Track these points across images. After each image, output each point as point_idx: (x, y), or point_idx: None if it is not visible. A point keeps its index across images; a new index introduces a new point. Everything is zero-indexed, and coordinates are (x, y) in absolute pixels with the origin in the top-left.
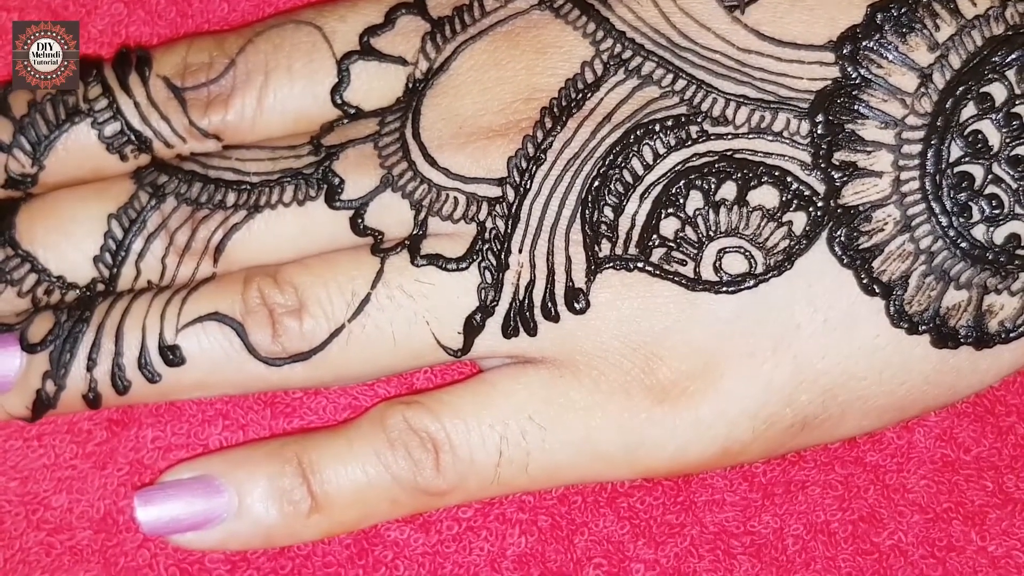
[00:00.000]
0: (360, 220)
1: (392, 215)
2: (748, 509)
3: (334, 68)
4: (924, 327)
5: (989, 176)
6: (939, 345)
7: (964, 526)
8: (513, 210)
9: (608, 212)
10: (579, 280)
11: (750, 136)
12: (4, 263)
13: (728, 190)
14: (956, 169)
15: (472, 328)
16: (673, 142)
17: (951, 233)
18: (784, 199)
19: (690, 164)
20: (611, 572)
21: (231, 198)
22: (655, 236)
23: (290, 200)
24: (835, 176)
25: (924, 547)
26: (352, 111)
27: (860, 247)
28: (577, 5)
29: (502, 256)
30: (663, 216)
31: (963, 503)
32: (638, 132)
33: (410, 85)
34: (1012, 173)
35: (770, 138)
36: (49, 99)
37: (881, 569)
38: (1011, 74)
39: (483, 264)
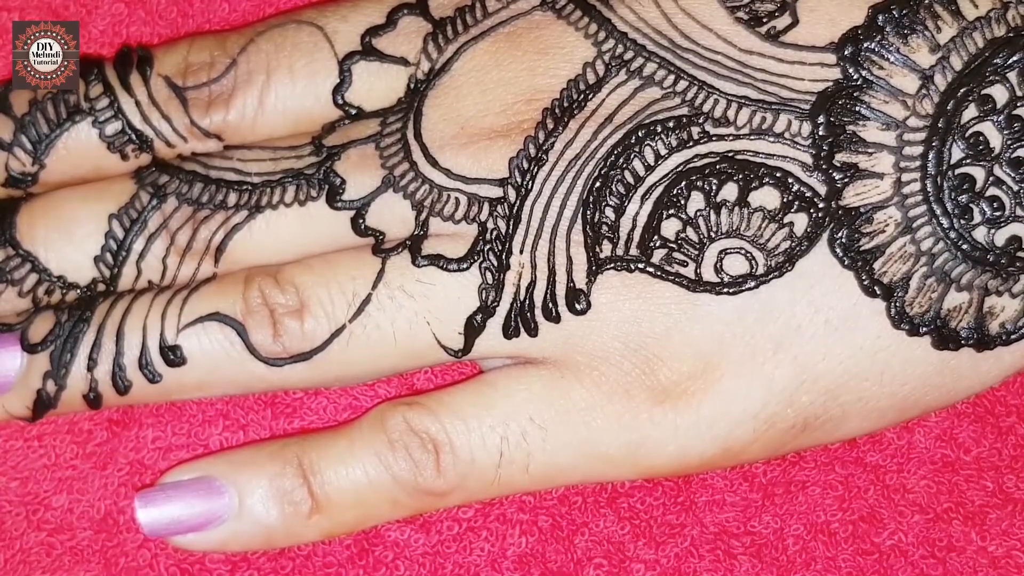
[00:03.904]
0: (361, 220)
1: (393, 215)
2: (748, 509)
3: (336, 68)
4: (925, 329)
5: (990, 178)
6: (940, 347)
7: (964, 526)
8: (514, 211)
9: (609, 213)
10: (580, 281)
11: (751, 137)
12: (5, 263)
13: (729, 191)
14: (957, 171)
15: (473, 328)
16: (675, 143)
17: (952, 235)
18: (785, 200)
19: (691, 165)
20: (611, 572)
21: (232, 198)
22: (656, 237)
23: (291, 200)
24: (836, 177)
25: (924, 547)
26: (354, 111)
27: (861, 248)
28: (579, 6)
29: (503, 257)
30: (664, 217)
31: (963, 503)
32: (640, 133)
33: (412, 86)
34: (1013, 175)
35: (771, 139)
36: (50, 98)
37: (882, 569)
38: (1012, 76)
39: (484, 265)
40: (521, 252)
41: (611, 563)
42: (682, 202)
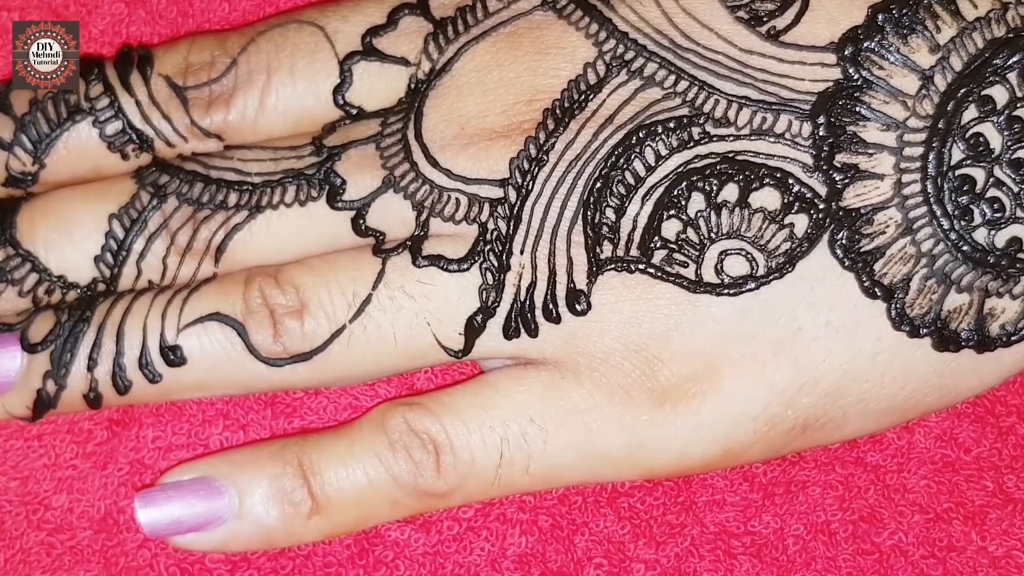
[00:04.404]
0: (362, 221)
1: (394, 216)
2: (749, 509)
3: (336, 68)
4: (925, 330)
5: (990, 179)
6: (940, 348)
7: (964, 526)
8: (515, 211)
9: (610, 214)
10: (580, 282)
11: (752, 138)
12: (5, 262)
13: (730, 192)
14: (957, 172)
15: (473, 329)
16: (675, 144)
17: (952, 236)
18: (786, 201)
19: (692, 166)
20: (612, 572)
21: (233, 198)
22: (657, 238)
23: (292, 200)
24: (837, 178)
25: (924, 547)
26: (354, 111)
27: (862, 250)
28: (580, 6)
29: (503, 257)
30: (665, 218)
31: (963, 503)
32: (640, 134)
33: (412, 86)
34: (1013, 176)
35: (772, 140)
36: (51, 97)
37: (882, 569)
38: (1012, 77)
39: (484, 265)
40: (521, 253)
41: (611, 563)
42: (683, 203)
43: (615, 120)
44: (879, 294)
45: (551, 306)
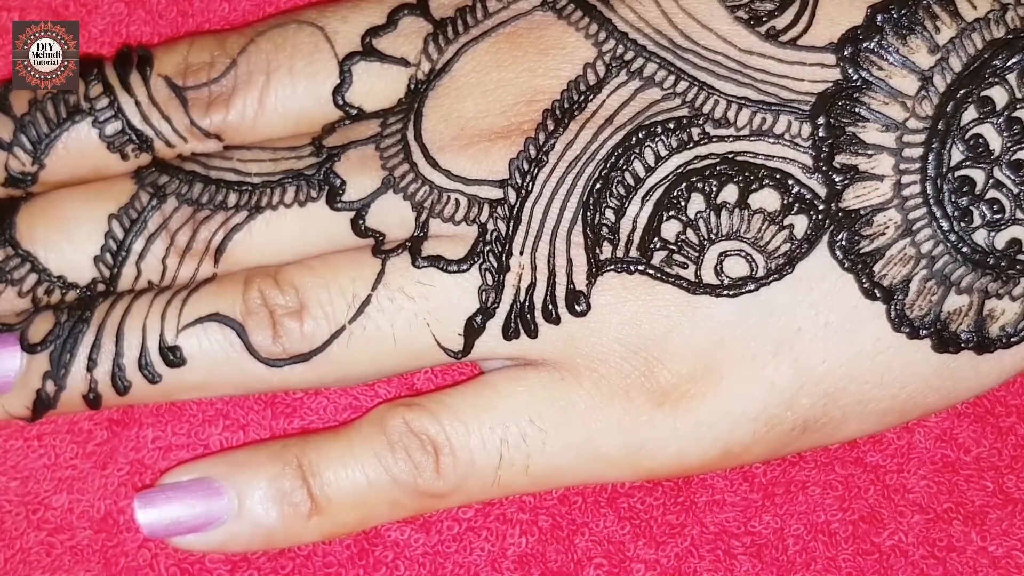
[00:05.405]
0: (361, 221)
1: (393, 216)
2: (749, 509)
3: (336, 69)
4: (925, 331)
5: (990, 180)
6: (940, 350)
7: (964, 526)
8: (514, 212)
9: (609, 214)
10: (580, 282)
11: (751, 138)
12: (4, 263)
13: (729, 193)
14: (957, 173)
15: (472, 330)
16: (675, 144)
17: (952, 237)
18: (785, 202)
19: (691, 166)
20: (612, 572)
21: (232, 199)
22: (656, 239)
23: (291, 201)
24: (836, 179)
25: (925, 547)
26: (354, 112)
27: (861, 251)
28: (580, 6)
29: (503, 258)
30: (664, 219)
31: (963, 503)
32: (640, 134)
33: (412, 86)
34: (1013, 177)
35: (771, 140)
36: (50, 98)
37: (882, 569)
38: (1012, 78)
39: (484, 266)
40: (521, 253)
41: (611, 563)
42: (682, 204)
43: (615, 121)
44: (879, 295)
45: (550, 307)
